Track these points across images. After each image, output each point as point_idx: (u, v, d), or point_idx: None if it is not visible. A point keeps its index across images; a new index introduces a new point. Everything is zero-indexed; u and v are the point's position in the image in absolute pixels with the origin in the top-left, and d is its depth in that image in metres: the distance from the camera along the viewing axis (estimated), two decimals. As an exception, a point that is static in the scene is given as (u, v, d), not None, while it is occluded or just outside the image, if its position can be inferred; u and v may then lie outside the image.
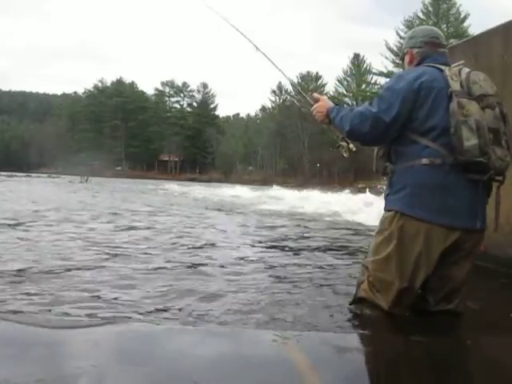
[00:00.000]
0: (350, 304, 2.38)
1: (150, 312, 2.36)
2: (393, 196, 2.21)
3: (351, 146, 2.49)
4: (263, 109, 79.53)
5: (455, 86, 2.08)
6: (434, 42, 2.33)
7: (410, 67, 2.35)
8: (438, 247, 2.10)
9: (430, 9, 50.60)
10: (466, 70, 2.16)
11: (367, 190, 18.05)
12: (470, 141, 1.99)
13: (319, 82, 70.02)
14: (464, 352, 2.09)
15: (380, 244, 2.22)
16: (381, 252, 2.20)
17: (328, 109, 2.45)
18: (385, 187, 2.37)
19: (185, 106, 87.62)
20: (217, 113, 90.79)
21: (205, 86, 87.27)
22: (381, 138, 2.24)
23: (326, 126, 2.51)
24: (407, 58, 2.40)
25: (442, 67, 2.18)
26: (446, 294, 2.22)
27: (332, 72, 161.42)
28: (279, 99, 70.56)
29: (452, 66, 2.23)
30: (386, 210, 2.24)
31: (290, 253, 4.64)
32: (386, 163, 2.30)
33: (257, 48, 2.94)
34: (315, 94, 2.61)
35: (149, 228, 6.29)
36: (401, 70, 2.48)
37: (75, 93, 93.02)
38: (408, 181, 2.14)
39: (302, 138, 59.17)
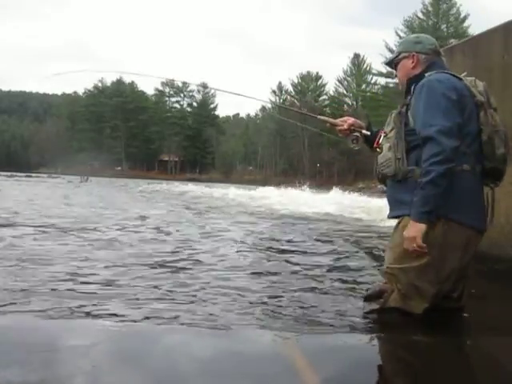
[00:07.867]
0: (368, 313, 2.29)
1: (150, 311, 2.35)
2: None
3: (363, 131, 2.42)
4: (263, 109, 79.56)
5: (480, 96, 2.15)
6: (438, 50, 2.37)
7: (414, 71, 2.30)
8: (472, 250, 2.16)
9: (430, 9, 50.58)
10: (479, 81, 2.22)
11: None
12: (500, 149, 2.15)
13: (319, 81, 70.12)
14: (464, 352, 2.09)
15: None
16: (417, 259, 2.09)
17: (419, 225, 2.05)
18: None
19: (185, 106, 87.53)
20: (217, 113, 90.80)
21: (205, 85, 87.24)
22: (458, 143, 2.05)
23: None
24: (409, 62, 2.32)
25: (459, 75, 2.21)
26: (452, 291, 2.21)
27: (332, 72, 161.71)
28: (279, 99, 70.51)
29: (462, 75, 2.23)
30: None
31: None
32: (409, 167, 2.13)
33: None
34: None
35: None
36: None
37: (75, 93, 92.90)
38: (448, 186, 2.04)
39: (302, 138, 59.14)
